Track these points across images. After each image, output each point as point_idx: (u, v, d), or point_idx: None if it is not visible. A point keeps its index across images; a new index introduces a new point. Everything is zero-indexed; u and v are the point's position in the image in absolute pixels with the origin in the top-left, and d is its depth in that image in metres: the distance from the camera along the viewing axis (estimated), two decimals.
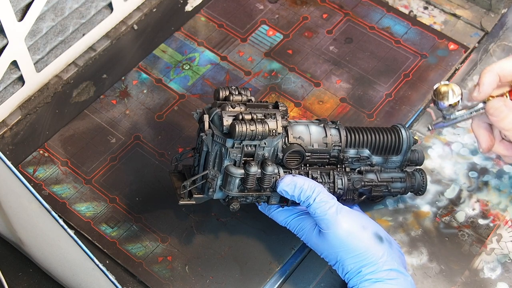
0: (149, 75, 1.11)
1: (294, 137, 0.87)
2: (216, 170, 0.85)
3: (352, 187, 0.90)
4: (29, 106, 1.06)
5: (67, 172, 1.01)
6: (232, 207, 0.87)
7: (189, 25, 1.17)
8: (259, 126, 0.82)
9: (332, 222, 0.84)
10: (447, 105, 0.85)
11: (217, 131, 0.83)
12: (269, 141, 0.84)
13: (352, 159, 0.90)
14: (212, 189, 0.86)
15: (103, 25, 1.12)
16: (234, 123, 0.81)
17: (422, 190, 0.94)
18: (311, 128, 0.89)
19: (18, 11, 0.97)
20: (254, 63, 1.12)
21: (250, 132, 0.82)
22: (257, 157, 0.85)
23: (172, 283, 0.91)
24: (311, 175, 0.88)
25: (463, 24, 1.16)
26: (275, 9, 1.18)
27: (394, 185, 0.92)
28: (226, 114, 0.83)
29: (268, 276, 0.92)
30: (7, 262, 0.93)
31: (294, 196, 0.85)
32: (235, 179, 0.85)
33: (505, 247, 0.94)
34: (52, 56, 1.07)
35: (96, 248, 0.94)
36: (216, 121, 0.84)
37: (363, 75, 1.10)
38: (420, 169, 0.94)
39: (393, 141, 0.91)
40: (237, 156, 0.84)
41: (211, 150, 0.85)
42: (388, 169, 0.92)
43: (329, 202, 0.85)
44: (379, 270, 0.83)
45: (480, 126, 0.89)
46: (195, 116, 0.87)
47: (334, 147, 0.89)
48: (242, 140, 0.82)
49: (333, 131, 0.89)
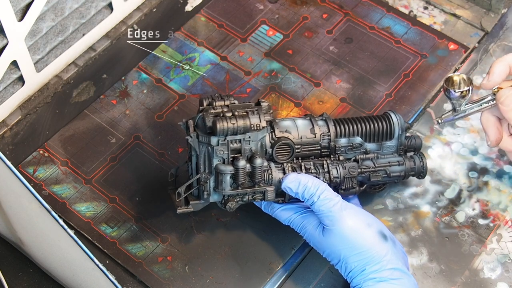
0: (149, 75, 1.11)
1: (281, 131, 0.88)
2: (207, 172, 0.87)
3: (349, 174, 0.90)
4: (29, 106, 1.06)
5: (67, 172, 1.01)
6: (229, 206, 0.87)
7: (189, 25, 1.17)
8: (240, 120, 0.84)
9: (337, 219, 0.84)
10: (458, 93, 0.87)
11: (201, 132, 0.85)
12: (254, 135, 0.86)
13: (345, 148, 0.91)
14: (206, 192, 0.87)
15: (103, 25, 1.12)
16: (215, 119, 0.84)
17: (424, 172, 0.94)
18: (297, 122, 0.90)
19: (18, 11, 0.97)
20: (254, 63, 1.12)
21: (231, 126, 0.84)
22: (245, 152, 0.86)
23: (172, 283, 0.91)
24: (304, 167, 0.89)
25: (463, 24, 1.16)
26: (275, 9, 1.18)
27: (393, 169, 0.92)
28: (208, 115, 0.85)
29: (268, 276, 0.92)
30: (7, 262, 0.93)
31: (298, 193, 0.85)
32: (226, 177, 0.86)
33: (505, 247, 0.94)
34: (52, 56, 1.07)
35: (96, 248, 0.94)
36: (200, 124, 0.86)
37: (363, 75, 1.10)
38: (419, 152, 0.94)
39: (384, 127, 0.92)
40: (224, 153, 0.85)
41: (199, 152, 0.86)
42: (384, 155, 0.93)
43: (333, 199, 0.85)
44: (383, 269, 0.83)
45: (489, 119, 0.89)
46: (182, 126, 0.89)
47: (323, 137, 0.90)
48: (225, 135, 0.84)
49: (320, 123, 0.91)
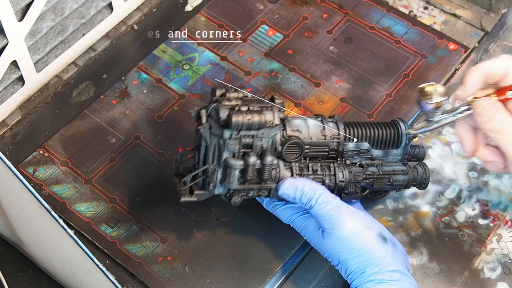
0: (149, 75, 1.11)
1: (292, 129, 0.88)
2: (216, 164, 0.86)
3: (354, 179, 0.90)
4: (29, 106, 1.06)
5: (67, 172, 1.01)
6: (234, 201, 0.87)
7: (189, 25, 1.17)
8: (256, 115, 0.83)
9: (336, 222, 0.84)
10: (432, 105, 0.83)
11: (214, 123, 0.84)
12: (267, 132, 0.85)
13: (352, 152, 0.90)
14: (212, 184, 0.86)
15: (103, 25, 1.12)
16: (231, 113, 0.82)
17: (425, 184, 0.93)
18: (308, 122, 0.89)
19: (18, 11, 0.97)
20: (254, 63, 1.12)
21: (246, 121, 0.82)
22: (256, 148, 0.85)
23: (172, 283, 0.91)
24: (311, 168, 0.89)
25: (463, 24, 1.16)
26: (275, 9, 1.18)
27: (396, 178, 0.92)
28: (223, 107, 0.84)
29: (268, 276, 0.92)
30: (7, 262, 0.93)
31: (296, 198, 0.85)
32: (235, 171, 0.85)
33: (505, 247, 0.94)
34: (52, 56, 1.07)
35: (96, 248, 0.94)
36: (214, 115, 0.85)
37: (363, 75, 1.10)
38: (422, 163, 0.94)
39: (392, 134, 0.91)
40: (235, 148, 0.84)
41: (209, 143, 0.85)
42: (389, 163, 0.93)
43: (331, 202, 0.84)
44: (383, 271, 0.83)
45: (464, 129, 0.85)
46: (193, 115, 0.87)
47: (333, 139, 0.89)
48: (239, 130, 0.83)
49: (331, 124, 0.90)
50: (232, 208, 0.97)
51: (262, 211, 0.93)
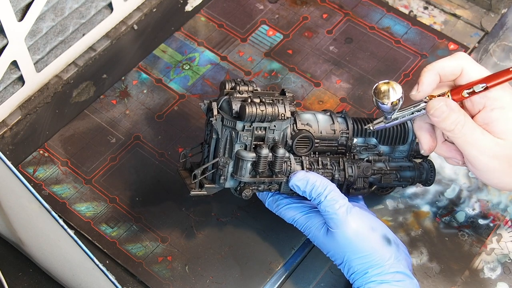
0: (149, 75, 1.11)
1: (302, 123, 0.88)
2: (227, 157, 0.85)
3: (362, 174, 0.90)
4: (29, 106, 1.06)
5: (67, 172, 1.01)
6: (245, 194, 0.87)
7: (189, 25, 1.17)
8: (269, 107, 0.83)
9: (342, 221, 0.84)
10: (388, 104, 0.81)
11: (226, 115, 0.84)
12: (279, 124, 0.85)
13: (360, 147, 0.91)
14: (223, 177, 0.86)
15: (103, 25, 1.12)
16: (244, 104, 0.83)
17: (431, 180, 0.94)
18: (318, 116, 0.90)
19: (18, 11, 0.97)
20: (254, 63, 1.12)
21: (260, 113, 0.83)
22: (268, 141, 0.85)
23: (172, 283, 0.91)
24: (321, 162, 0.89)
25: (463, 24, 1.16)
26: (275, 9, 1.18)
27: (404, 174, 0.92)
28: (234, 99, 0.84)
29: (268, 276, 0.92)
30: (7, 262, 0.93)
31: (306, 192, 0.85)
32: (247, 163, 0.85)
33: (505, 247, 0.94)
34: (52, 56, 1.07)
35: (96, 248, 0.94)
36: (225, 107, 0.85)
37: (363, 75, 1.10)
38: (428, 160, 0.94)
39: (399, 130, 0.92)
40: (247, 140, 0.84)
41: (221, 136, 0.85)
42: (395, 159, 0.93)
43: (339, 201, 0.85)
44: (386, 272, 0.83)
45: (421, 127, 0.85)
46: (203, 107, 0.87)
47: (342, 134, 0.90)
48: (252, 121, 0.83)
49: (339, 119, 0.90)
50: (232, 208, 0.97)
51: (262, 211, 0.93)
